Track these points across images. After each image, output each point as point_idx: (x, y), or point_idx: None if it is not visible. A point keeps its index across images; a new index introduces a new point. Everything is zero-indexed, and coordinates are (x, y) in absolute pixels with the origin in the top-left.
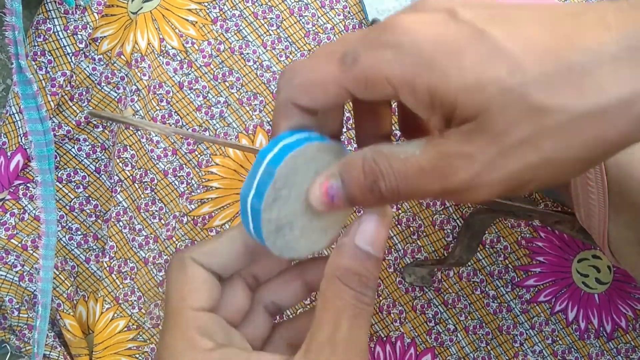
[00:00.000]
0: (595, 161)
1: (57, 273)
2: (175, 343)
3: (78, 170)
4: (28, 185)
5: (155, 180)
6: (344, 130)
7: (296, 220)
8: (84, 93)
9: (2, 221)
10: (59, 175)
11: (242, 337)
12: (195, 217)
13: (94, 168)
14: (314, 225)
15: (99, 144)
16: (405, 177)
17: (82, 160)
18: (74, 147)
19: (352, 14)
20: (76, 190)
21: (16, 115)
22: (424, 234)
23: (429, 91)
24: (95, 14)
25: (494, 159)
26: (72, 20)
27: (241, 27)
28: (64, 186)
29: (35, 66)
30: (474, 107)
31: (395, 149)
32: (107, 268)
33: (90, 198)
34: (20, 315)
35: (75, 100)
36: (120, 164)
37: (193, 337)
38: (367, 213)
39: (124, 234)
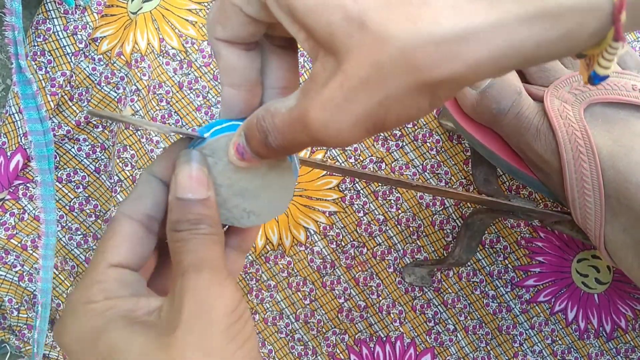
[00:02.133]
0: (437, 98)
1: (57, 273)
2: (74, 297)
3: (78, 170)
4: (28, 185)
5: None
6: None
7: (243, 188)
8: (84, 93)
9: (1, 221)
10: (59, 175)
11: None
12: None
13: (93, 168)
14: (263, 190)
15: (99, 144)
16: (282, 132)
17: (82, 160)
18: (73, 147)
19: None
20: (76, 190)
21: (16, 115)
22: (424, 234)
23: (288, 5)
24: (95, 14)
25: (341, 103)
26: (71, 20)
27: None
28: (63, 186)
29: (35, 66)
30: (323, 32)
31: (279, 104)
32: None
33: (90, 198)
34: (20, 315)
35: (75, 100)
36: (120, 164)
37: (90, 292)
38: (177, 165)
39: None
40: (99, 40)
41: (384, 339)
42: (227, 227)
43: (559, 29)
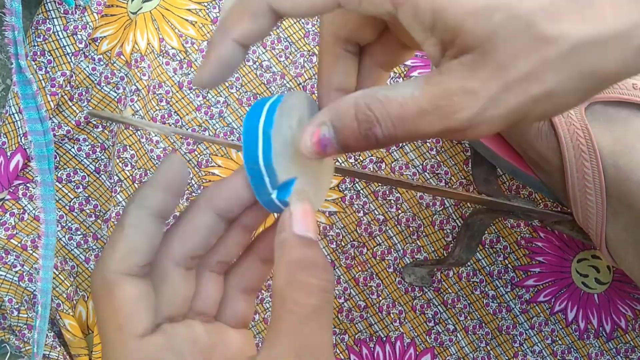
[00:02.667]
0: (592, 92)
1: (57, 273)
2: None
3: (78, 170)
4: (28, 185)
5: None
6: None
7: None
8: (84, 93)
9: (1, 221)
10: (59, 175)
11: (210, 325)
12: None
13: (93, 168)
14: (306, 173)
15: (99, 144)
16: (403, 121)
17: (81, 160)
18: (73, 147)
19: None
20: (76, 190)
21: (16, 115)
22: (424, 234)
23: (433, 11)
24: (95, 14)
25: (497, 94)
26: (71, 20)
27: None
28: (63, 186)
29: (35, 66)
30: (480, 34)
31: (390, 92)
32: None
33: (90, 198)
34: (20, 315)
35: (75, 100)
36: (120, 164)
37: None
38: (291, 203)
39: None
40: (98, 40)
41: (384, 339)
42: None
43: None
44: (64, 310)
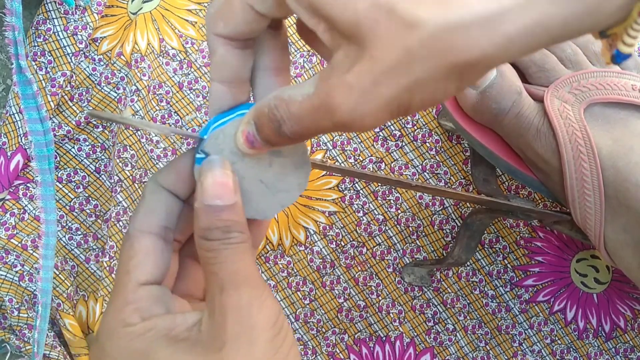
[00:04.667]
0: (467, 79)
1: (57, 273)
2: (109, 318)
3: (78, 170)
4: (28, 185)
5: None
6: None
7: (258, 176)
8: (84, 93)
9: (2, 221)
10: (59, 175)
11: (184, 302)
12: None
13: (94, 168)
14: (281, 175)
15: (99, 144)
16: (299, 119)
17: (82, 160)
18: (74, 147)
19: None
20: (76, 190)
21: (16, 115)
22: (423, 233)
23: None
24: (95, 14)
25: (370, 87)
26: (72, 20)
27: None
28: (64, 186)
29: (35, 66)
30: (348, 23)
31: (293, 91)
32: (107, 268)
33: (90, 198)
34: (20, 315)
35: (75, 100)
36: (120, 164)
37: (124, 313)
38: (202, 171)
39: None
40: (99, 41)
41: (384, 338)
42: None
43: (586, 2)
44: (64, 310)
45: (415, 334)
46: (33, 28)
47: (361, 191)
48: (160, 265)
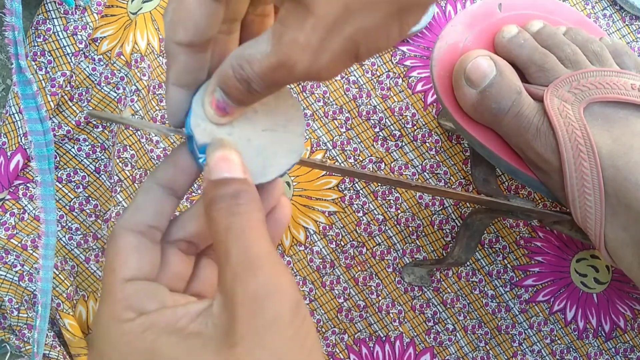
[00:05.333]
0: (405, 24)
1: (57, 273)
2: (102, 318)
3: (78, 170)
4: (28, 185)
5: None
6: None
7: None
8: (84, 93)
9: (2, 221)
10: (59, 175)
11: (181, 296)
12: None
13: (93, 168)
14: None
15: (99, 144)
16: (266, 76)
17: (82, 160)
18: (73, 147)
19: None
20: (76, 190)
21: (16, 115)
22: (423, 233)
23: None
24: (95, 14)
25: (318, 45)
26: (72, 20)
27: None
28: (63, 186)
29: (35, 66)
30: None
31: (252, 50)
32: None
33: (90, 198)
34: (20, 315)
35: (75, 100)
36: (120, 164)
37: (116, 310)
38: (207, 154)
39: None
40: (99, 41)
41: (384, 338)
42: None
43: None
44: (64, 310)
45: (415, 333)
46: (33, 28)
47: (361, 191)
48: (146, 262)
